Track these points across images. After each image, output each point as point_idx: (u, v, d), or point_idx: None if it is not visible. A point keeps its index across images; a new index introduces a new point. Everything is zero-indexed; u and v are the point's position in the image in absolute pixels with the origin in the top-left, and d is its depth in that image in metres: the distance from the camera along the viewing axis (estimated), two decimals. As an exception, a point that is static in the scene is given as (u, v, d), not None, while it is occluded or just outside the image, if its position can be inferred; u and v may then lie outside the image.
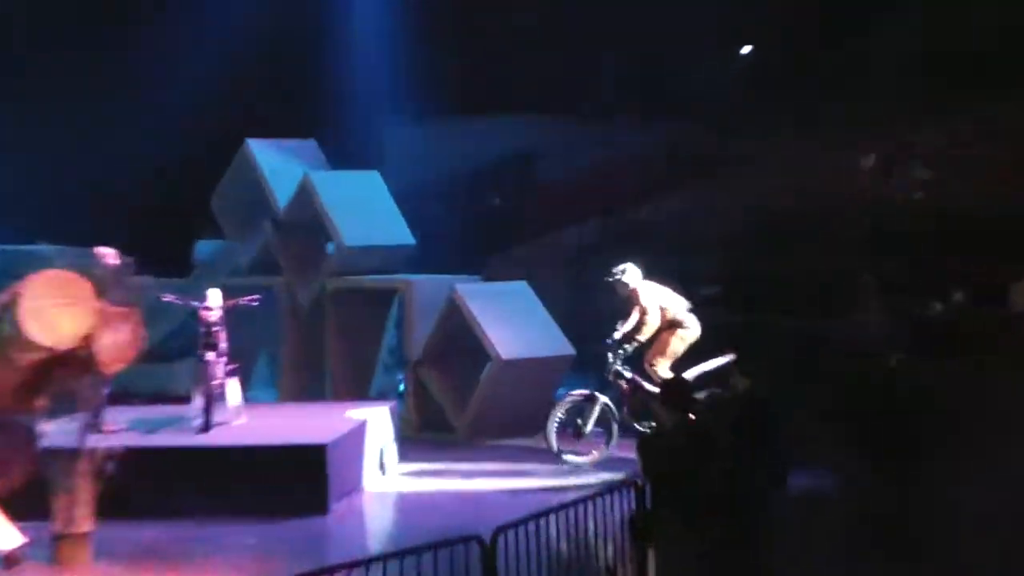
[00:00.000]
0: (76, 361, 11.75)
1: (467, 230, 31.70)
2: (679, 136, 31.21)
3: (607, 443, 15.32)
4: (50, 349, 11.55)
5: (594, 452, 15.28)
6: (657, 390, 14.14)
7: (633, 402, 15.06)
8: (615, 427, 15.27)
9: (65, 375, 11.87)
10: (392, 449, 15.82)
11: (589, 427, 15.30)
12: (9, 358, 11.47)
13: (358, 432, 14.61)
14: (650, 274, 15.71)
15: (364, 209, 18.93)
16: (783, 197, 25.51)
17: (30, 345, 11.43)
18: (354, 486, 14.21)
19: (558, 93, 31.68)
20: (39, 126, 24.31)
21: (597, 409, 15.30)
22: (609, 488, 10.29)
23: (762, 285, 22.10)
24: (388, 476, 15.22)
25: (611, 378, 15.28)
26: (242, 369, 15.51)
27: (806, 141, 26.89)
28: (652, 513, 8.60)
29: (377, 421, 15.31)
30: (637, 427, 14.95)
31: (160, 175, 25.29)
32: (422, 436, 17.58)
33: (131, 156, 24.87)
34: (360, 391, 18.56)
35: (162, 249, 18.71)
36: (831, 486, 12.36)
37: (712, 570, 8.47)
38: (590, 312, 25.29)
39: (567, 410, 15.47)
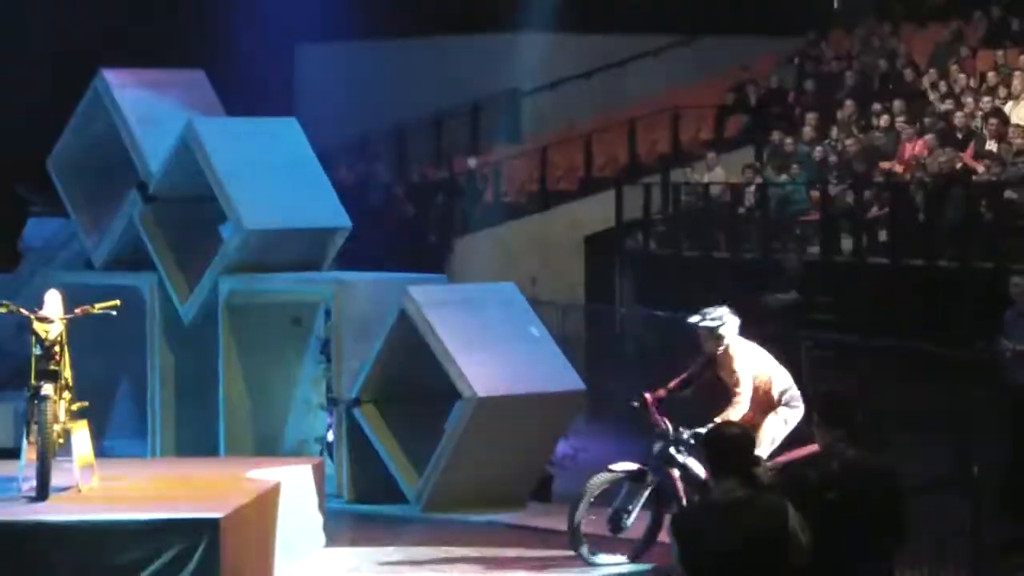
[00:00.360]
0: None
1: (422, 205, 32.04)
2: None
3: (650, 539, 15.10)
4: None
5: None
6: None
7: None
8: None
9: None
10: (316, 527, 15.90)
11: (633, 518, 15.17)
12: None
13: (267, 501, 14.69)
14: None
15: (276, 174, 19.06)
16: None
17: None
18: (260, 580, 14.26)
19: None
20: None
21: (647, 493, 15.18)
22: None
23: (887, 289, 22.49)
24: (311, 566, 15.26)
25: (657, 464, 15.17)
26: (95, 409, 15.59)
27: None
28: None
29: (294, 485, 15.39)
30: None
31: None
32: (360, 507, 17.73)
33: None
34: (268, 443, 18.73)
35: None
36: None
37: None
38: (608, 331, 25.66)
39: (604, 490, 15.27)
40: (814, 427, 9.75)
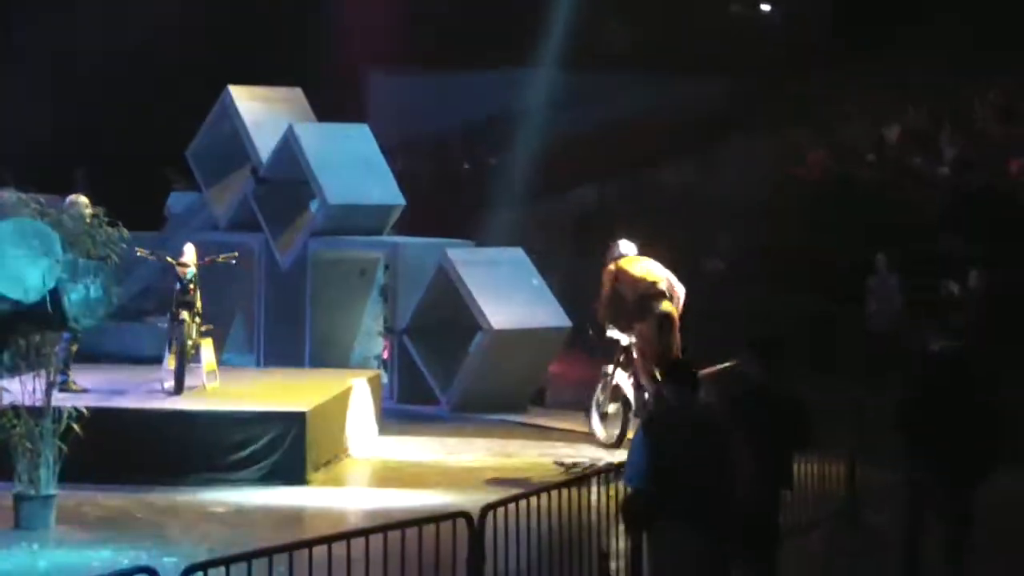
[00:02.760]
0: (43, 316, 11.82)
1: (457, 191, 31.92)
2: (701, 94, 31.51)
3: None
4: (16, 302, 11.63)
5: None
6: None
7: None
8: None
9: (31, 330, 11.96)
10: (374, 421, 15.95)
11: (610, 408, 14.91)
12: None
13: (340, 400, 14.72)
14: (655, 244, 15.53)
15: (351, 165, 18.99)
16: (806, 166, 25.71)
17: (-5, 297, 11.52)
18: (334, 456, 14.31)
19: (559, 45, 31.95)
20: (7, 61, 24.35)
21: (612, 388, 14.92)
22: (604, 469, 10.39)
23: (780, 261, 22.33)
24: (369, 448, 15.32)
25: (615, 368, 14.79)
26: (217, 331, 15.61)
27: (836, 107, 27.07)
28: (648, 500, 8.55)
29: (359, 390, 15.42)
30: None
31: (133, 121, 25.37)
32: (406, 407, 17.71)
33: (103, 100, 24.94)
34: (341, 359, 18.66)
35: (132, 200, 18.78)
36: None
37: (712, 567, 8.51)
38: (589, 282, 25.60)
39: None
40: (746, 358, 9.63)
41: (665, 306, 14.20)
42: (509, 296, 17.63)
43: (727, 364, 13.49)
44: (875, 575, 10.79)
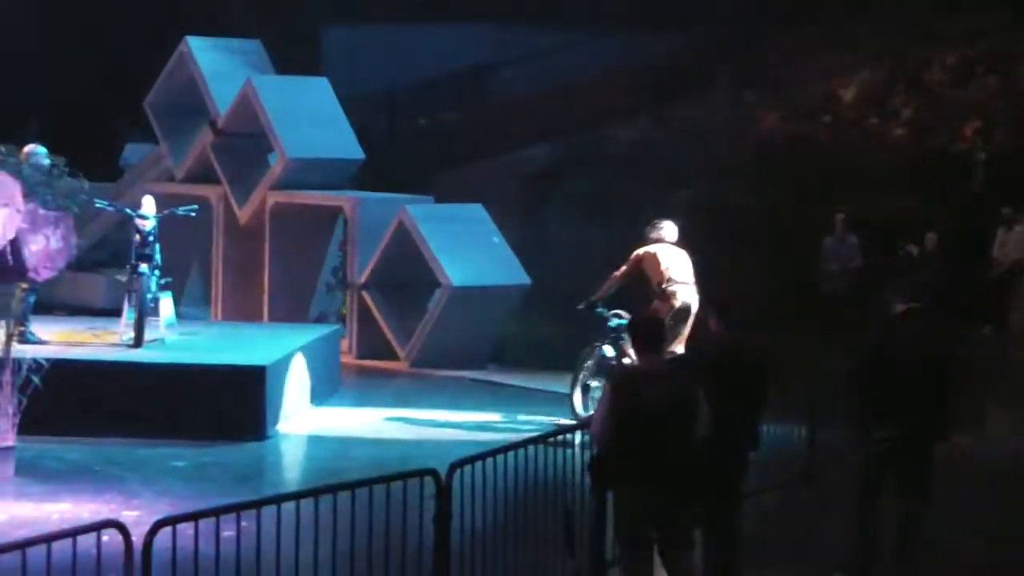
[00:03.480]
0: (2, 266, 11.71)
1: (414, 146, 31.82)
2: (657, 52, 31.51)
3: None
4: (-25, 252, 11.51)
5: None
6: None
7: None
8: None
9: (-11, 281, 11.84)
10: (334, 376, 15.90)
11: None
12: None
13: (299, 355, 14.67)
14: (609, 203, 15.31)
15: (310, 119, 18.87)
16: (770, 125, 25.75)
17: (-46, 247, 11.39)
18: (292, 412, 14.27)
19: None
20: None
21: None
22: (569, 428, 10.40)
23: (740, 221, 22.41)
24: (329, 403, 15.29)
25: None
26: (175, 283, 15.51)
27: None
28: (613, 458, 8.59)
29: (318, 345, 15.37)
30: None
31: (87, 70, 25.12)
32: (364, 363, 17.68)
33: (57, 47, 24.67)
34: (299, 313, 18.62)
35: (86, 150, 18.64)
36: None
37: (672, 525, 8.55)
38: (547, 240, 25.60)
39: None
40: (709, 319, 9.70)
41: (687, 298, 14.00)
42: (469, 253, 17.60)
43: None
44: (831, 535, 10.86)
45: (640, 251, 14.00)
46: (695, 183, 25.67)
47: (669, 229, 14.17)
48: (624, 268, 14.00)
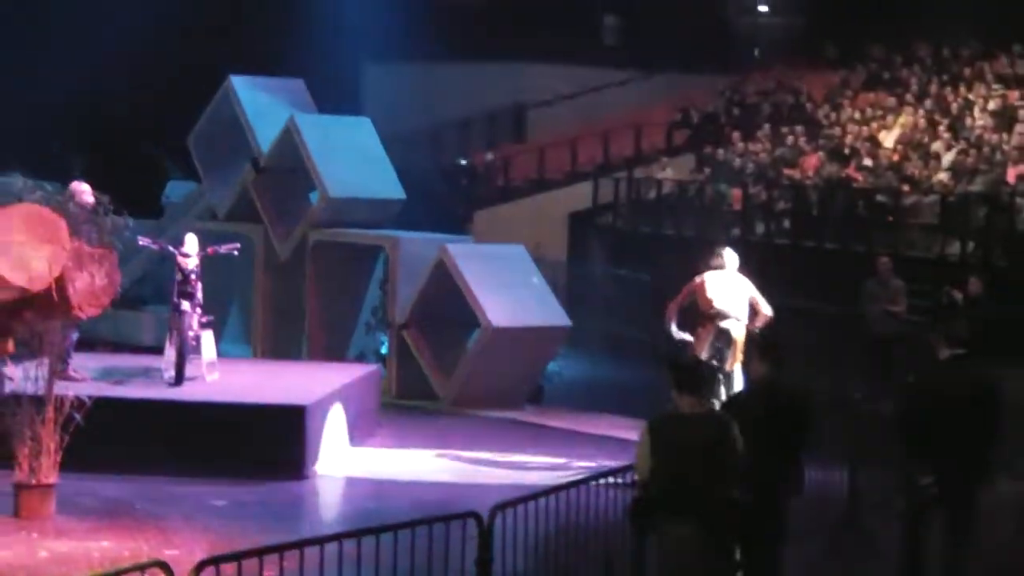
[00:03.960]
0: (47, 303, 11.75)
1: (454, 185, 31.94)
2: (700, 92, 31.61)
3: None
4: (21, 289, 11.55)
5: None
6: None
7: None
8: None
9: (34, 318, 11.88)
10: (373, 416, 15.89)
11: None
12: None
13: (339, 394, 14.67)
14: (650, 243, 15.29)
15: (352, 158, 18.93)
16: (812, 166, 25.70)
17: (0, 284, 11.44)
18: (332, 452, 14.25)
19: (559, 39, 32.02)
20: (5, 48, 24.26)
21: None
22: (610, 471, 10.36)
23: (783, 262, 22.36)
24: (368, 442, 15.26)
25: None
26: (217, 322, 15.56)
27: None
28: (653, 500, 8.55)
29: (358, 385, 15.37)
30: None
31: (132, 110, 25.32)
32: (403, 403, 17.65)
33: (103, 87, 24.86)
34: (339, 352, 18.62)
35: (128, 188, 18.76)
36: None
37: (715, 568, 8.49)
38: (588, 281, 25.60)
39: None
40: (750, 360, 9.68)
41: (727, 326, 14.18)
42: (509, 293, 17.58)
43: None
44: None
45: (696, 278, 14.38)
46: (738, 223, 25.68)
47: (727, 257, 14.49)
48: (680, 296, 14.41)
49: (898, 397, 10.67)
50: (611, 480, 9.99)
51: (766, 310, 14.35)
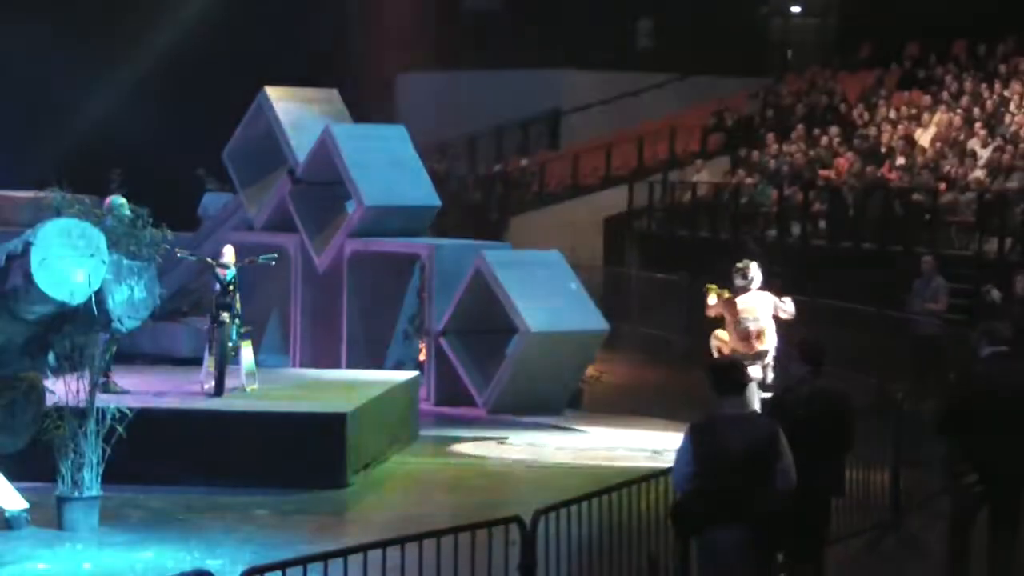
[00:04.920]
0: (88, 317, 11.80)
1: (490, 192, 31.97)
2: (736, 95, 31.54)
3: None
4: (61, 303, 11.61)
5: None
6: None
7: None
8: None
9: (76, 332, 11.93)
10: (413, 422, 15.90)
11: None
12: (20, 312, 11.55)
13: (379, 402, 14.67)
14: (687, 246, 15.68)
15: (388, 166, 18.91)
16: (847, 167, 25.62)
17: (41, 298, 11.49)
18: (373, 459, 14.27)
19: (593, 44, 32.02)
20: (41, 62, 24.39)
21: None
22: (652, 474, 10.33)
23: (821, 263, 22.29)
24: (408, 450, 15.28)
25: None
26: (254, 332, 15.58)
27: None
28: (696, 504, 8.51)
29: (397, 392, 15.38)
30: None
31: (166, 122, 25.41)
32: (442, 410, 17.65)
33: (138, 101, 24.97)
34: (377, 360, 18.61)
35: (165, 201, 18.83)
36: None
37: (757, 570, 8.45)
38: (625, 285, 25.56)
39: None
40: (792, 362, 9.64)
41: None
42: (546, 299, 17.55)
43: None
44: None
45: (730, 297, 14.82)
46: (774, 225, 25.61)
47: (753, 273, 14.88)
48: (715, 313, 15.00)
49: (940, 396, 10.60)
50: (653, 483, 9.93)
51: (789, 310, 14.81)
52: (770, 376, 14.61)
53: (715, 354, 14.87)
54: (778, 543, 8.70)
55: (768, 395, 13.16)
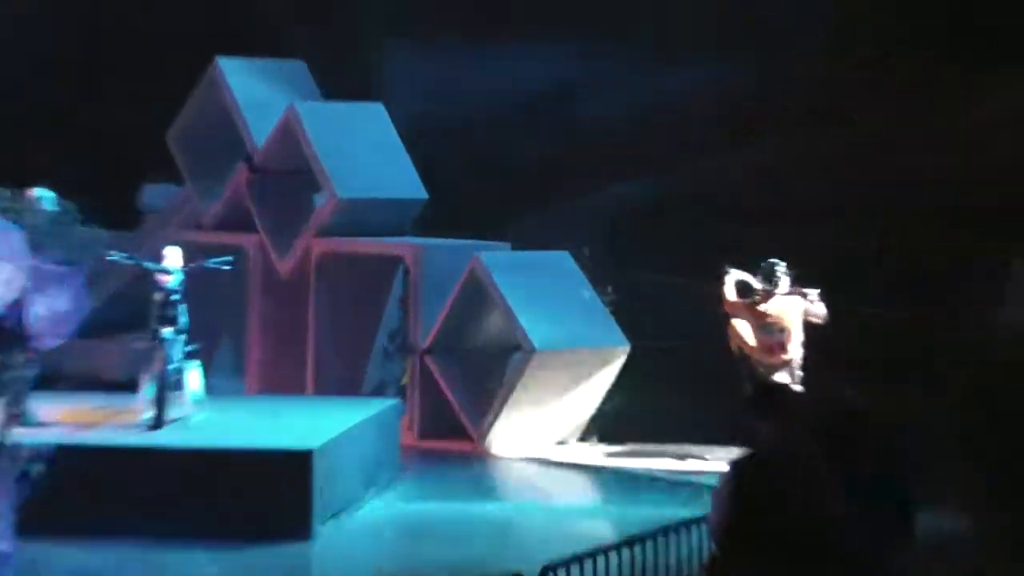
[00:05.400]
0: (4, 333, 11.80)
1: (487, 183, 31.96)
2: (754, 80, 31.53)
3: None
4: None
5: None
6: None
7: None
8: None
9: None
10: (393, 459, 15.85)
11: None
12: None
13: (351, 436, 14.59)
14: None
15: (363, 152, 18.99)
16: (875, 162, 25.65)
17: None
18: (344, 505, 14.19)
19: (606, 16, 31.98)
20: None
21: None
22: (679, 523, 10.31)
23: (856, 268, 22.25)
24: (388, 494, 15.19)
25: None
26: (204, 351, 15.53)
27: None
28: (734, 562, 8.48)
29: (374, 423, 15.32)
30: None
31: (97, 97, 25.30)
32: (429, 444, 17.59)
33: (60, 69, 24.86)
34: (351, 384, 18.62)
35: (96, 192, 18.70)
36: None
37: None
38: (645, 293, 25.49)
39: None
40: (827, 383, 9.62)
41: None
42: (554, 310, 17.56)
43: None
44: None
45: (754, 302, 15.59)
46: (814, 221, 25.54)
47: (780, 273, 15.59)
48: (732, 309, 15.83)
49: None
50: (685, 533, 9.91)
51: (820, 313, 15.54)
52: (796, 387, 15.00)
53: (736, 352, 15.34)
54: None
55: None
